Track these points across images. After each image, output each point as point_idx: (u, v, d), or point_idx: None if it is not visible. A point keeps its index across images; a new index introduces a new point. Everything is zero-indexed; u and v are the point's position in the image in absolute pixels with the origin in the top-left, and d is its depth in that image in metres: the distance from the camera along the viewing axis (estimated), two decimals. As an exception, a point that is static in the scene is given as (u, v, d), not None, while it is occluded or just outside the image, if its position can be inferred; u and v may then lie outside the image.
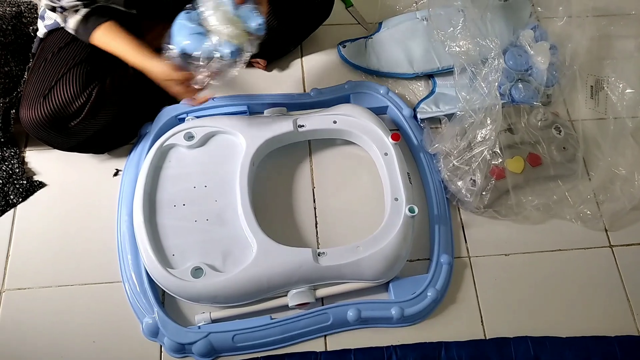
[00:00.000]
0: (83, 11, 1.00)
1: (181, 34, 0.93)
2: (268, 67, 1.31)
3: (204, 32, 0.93)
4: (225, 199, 1.07)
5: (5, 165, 1.18)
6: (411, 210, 1.04)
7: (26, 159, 1.21)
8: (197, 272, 1.00)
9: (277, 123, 1.15)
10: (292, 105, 1.22)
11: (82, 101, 1.06)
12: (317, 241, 1.12)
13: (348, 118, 1.16)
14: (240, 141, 1.12)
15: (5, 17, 1.22)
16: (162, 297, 1.06)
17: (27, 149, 1.22)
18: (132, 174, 1.12)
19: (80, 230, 1.12)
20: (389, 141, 1.13)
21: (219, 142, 1.13)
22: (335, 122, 1.15)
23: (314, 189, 1.17)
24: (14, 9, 1.26)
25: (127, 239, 1.06)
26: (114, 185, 1.15)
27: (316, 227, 1.13)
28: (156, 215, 1.04)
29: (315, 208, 1.15)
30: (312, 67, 1.33)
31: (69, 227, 1.13)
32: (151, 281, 1.03)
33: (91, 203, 1.15)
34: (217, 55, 0.92)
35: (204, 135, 1.12)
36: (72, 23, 1.02)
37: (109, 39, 1.01)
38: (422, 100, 1.26)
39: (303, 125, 1.15)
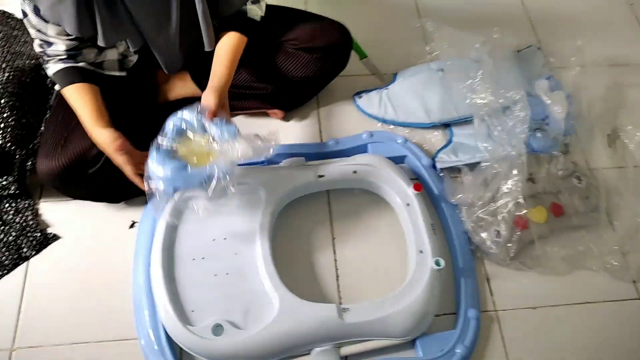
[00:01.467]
0: (61, 65, 1.02)
1: (164, 172, 0.92)
2: (285, 118, 1.32)
3: (185, 164, 0.93)
4: (246, 252, 1.05)
5: (19, 217, 1.17)
6: (438, 263, 1.02)
7: (40, 211, 1.20)
8: (217, 329, 0.97)
9: (297, 173, 1.15)
10: (311, 155, 1.23)
11: (97, 151, 1.06)
12: (339, 295, 1.09)
13: (368, 168, 1.16)
14: (260, 192, 1.11)
15: (25, 70, 1.24)
16: (179, 355, 1.02)
17: (42, 200, 1.21)
18: (149, 225, 1.11)
19: (95, 284, 1.10)
20: (410, 191, 1.12)
21: (238, 194, 1.13)
22: (355, 172, 1.15)
23: (334, 240, 1.16)
24: (32, 61, 1.28)
25: (144, 294, 1.04)
26: (130, 238, 1.14)
27: (337, 280, 1.11)
28: (175, 269, 1.02)
29: (335, 260, 1.13)
30: (329, 117, 1.34)
31: (84, 280, 1.11)
32: (169, 338, 1.00)
33: (106, 256, 1.13)
34: (212, 182, 0.92)
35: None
36: (51, 70, 1.04)
37: (74, 98, 1.02)
38: (440, 149, 1.27)
39: (323, 175, 1.15)
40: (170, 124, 0.97)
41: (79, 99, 1.02)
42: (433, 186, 1.20)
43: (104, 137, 0.99)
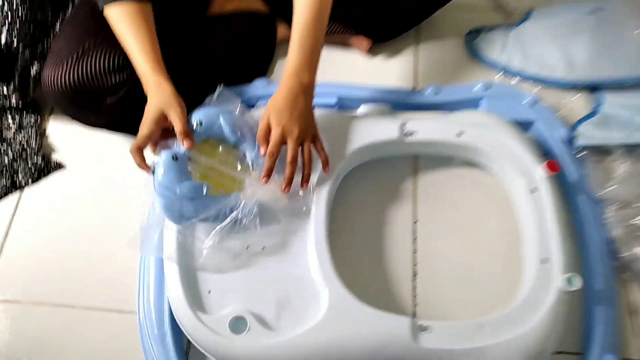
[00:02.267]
0: None
1: (178, 189, 0.71)
2: (372, 51, 0.99)
3: (202, 185, 0.72)
4: (292, 222, 0.76)
5: (20, 135, 0.93)
6: (570, 281, 0.69)
7: (47, 131, 0.96)
8: (238, 323, 0.69)
9: (376, 125, 0.83)
10: (399, 104, 0.90)
11: (124, 76, 0.80)
12: (414, 304, 0.78)
13: (480, 131, 0.82)
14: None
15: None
16: (186, 347, 0.76)
17: (52, 118, 0.97)
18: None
19: (96, 234, 0.85)
20: (540, 172, 0.78)
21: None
22: (460, 133, 0.82)
23: (416, 225, 0.84)
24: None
25: (153, 261, 0.78)
26: (149, 183, 0.87)
27: (414, 281, 0.79)
28: (195, 234, 0.75)
29: (414, 253, 0.82)
30: (430, 57, 1.00)
31: (83, 226, 0.86)
32: (175, 323, 0.74)
33: (117, 201, 0.88)
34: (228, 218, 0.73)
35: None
36: None
37: (123, 24, 0.77)
38: (582, 119, 0.90)
39: (412, 133, 0.82)
40: (198, 120, 0.75)
41: (131, 26, 0.77)
42: (568, 169, 0.84)
43: (163, 92, 0.74)
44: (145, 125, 0.73)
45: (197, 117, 0.76)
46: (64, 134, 0.95)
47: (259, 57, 0.99)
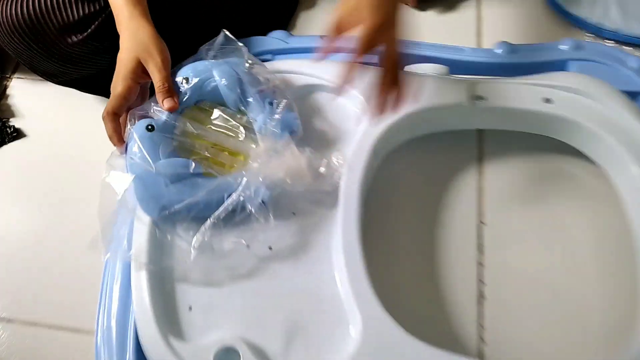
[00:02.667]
0: None
1: (154, 167, 0.51)
2: (423, 6, 0.77)
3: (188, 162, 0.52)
4: (313, 214, 0.55)
5: (-28, 94, 0.74)
6: None
7: (10, 91, 0.76)
8: (227, 356, 0.48)
9: (435, 86, 0.61)
10: (462, 64, 0.68)
11: (93, 8, 0.60)
12: (481, 340, 0.55)
13: (576, 97, 0.59)
14: (356, 110, 0.59)
15: None
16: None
17: (15, 76, 0.78)
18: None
19: (52, 232, 0.65)
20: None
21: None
22: (548, 100, 0.59)
23: (482, 227, 0.61)
24: None
25: (119, 266, 0.56)
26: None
27: (480, 306, 0.57)
28: (176, 231, 0.53)
29: (481, 266, 0.59)
30: (497, 12, 0.78)
31: (40, 220, 0.67)
32: (139, 351, 0.52)
33: (82, 187, 0.67)
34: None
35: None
36: None
37: None
38: None
39: (483, 98, 0.60)
40: (184, 76, 0.56)
41: None
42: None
43: (139, 33, 0.55)
44: (119, 81, 0.54)
45: (183, 72, 0.56)
46: (27, 96, 0.76)
47: (279, 5, 0.78)
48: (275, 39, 0.71)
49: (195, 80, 0.55)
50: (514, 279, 0.57)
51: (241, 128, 0.54)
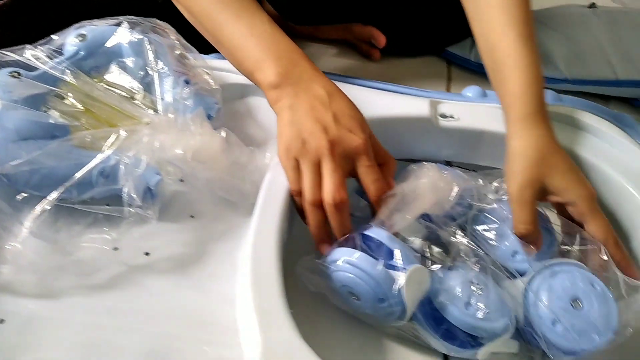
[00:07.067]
0: None
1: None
2: (385, 60, 0.72)
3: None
4: (219, 218, 0.41)
5: None
6: None
7: None
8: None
9: (394, 97, 0.52)
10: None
11: None
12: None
13: (566, 129, 0.51)
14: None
15: None
16: None
17: None
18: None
19: None
20: None
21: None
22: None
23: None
24: None
25: None
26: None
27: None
28: (20, 218, 0.39)
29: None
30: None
31: None
32: None
33: None
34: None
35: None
36: None
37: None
38: None
39: (450, 117, 0.51)
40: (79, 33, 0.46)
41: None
42: None
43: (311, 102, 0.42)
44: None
45: (78, 29, 0.46)
46: None
47: None
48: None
49: (93, 37, 0.45)
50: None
51: (141, 90, 0.43)
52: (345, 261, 0.37)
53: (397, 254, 0.37)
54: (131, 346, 0.34)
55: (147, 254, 0.39)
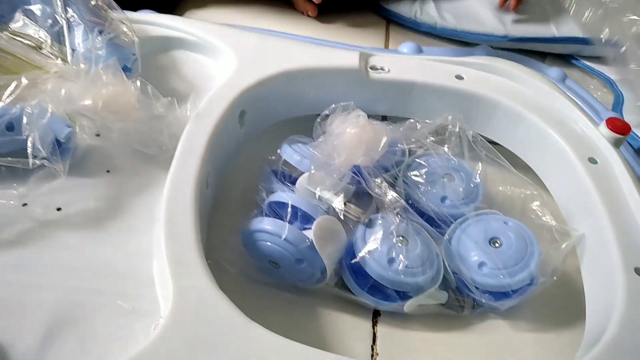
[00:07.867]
0: None
1: None
2: (324, 17, 0.71)
3: None
4: (135, 171, 0.40)
5: None
6: None
7: None
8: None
9: (324, 49, 0.52)
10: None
11: None
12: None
13: (490, 77, 0.51)
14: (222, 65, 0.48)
15: None
16: None
17: None
18: None
19: None
20: (602, 131, 0.45)
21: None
22: (460, 77, 0.50)
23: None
24: None
25: None
26: None
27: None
28: None
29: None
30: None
31: None
32: None
33: None
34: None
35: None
36: None
37: None
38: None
39: (381, 69, 0.50)
40: None
41: None
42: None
43: None
44: None
45: None
46: None
47: None
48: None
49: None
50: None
51: (49, 39, 0.41)
52: (257, 230, 0.37)
53: (302, 208, 0.37)
54: (41, 302, 0.33)
55: (59, 209, 0.37)
